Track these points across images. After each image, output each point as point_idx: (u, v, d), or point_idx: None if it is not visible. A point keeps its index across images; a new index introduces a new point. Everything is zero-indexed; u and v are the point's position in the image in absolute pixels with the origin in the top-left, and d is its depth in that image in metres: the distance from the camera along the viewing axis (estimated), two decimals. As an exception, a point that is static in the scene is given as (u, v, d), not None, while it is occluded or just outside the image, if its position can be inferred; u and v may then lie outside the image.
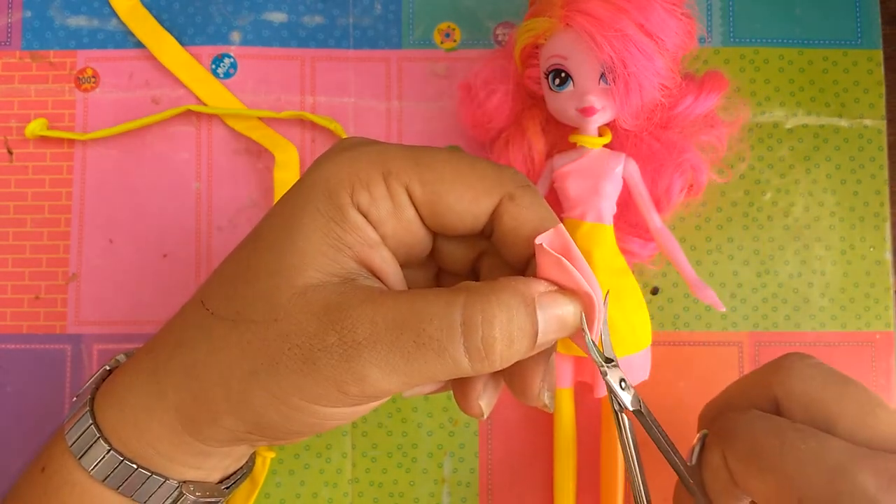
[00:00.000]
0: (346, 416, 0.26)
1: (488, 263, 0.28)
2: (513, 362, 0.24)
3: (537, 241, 0.24)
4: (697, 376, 0.40)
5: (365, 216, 0.25)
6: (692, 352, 0.40)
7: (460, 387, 0.27)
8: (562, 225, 0.25)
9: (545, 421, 0.39)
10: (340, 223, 0.25)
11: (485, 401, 0.26)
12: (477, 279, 0.29)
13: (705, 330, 0.40)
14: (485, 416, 0.27)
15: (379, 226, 0.25)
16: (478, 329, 0.23)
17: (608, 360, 0.26)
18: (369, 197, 0.25)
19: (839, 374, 0.29)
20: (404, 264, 0.28)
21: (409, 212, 0.26)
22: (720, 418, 0.30)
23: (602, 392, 0.36)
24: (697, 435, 0.30)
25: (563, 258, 0.24)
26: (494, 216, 0.26)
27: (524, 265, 0.26)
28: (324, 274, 0.25)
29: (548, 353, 0.26)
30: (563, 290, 0.25)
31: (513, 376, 0.26)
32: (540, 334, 0.24)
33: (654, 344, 0.39)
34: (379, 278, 0.26)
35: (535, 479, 0.39)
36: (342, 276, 0.25)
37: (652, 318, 0.39)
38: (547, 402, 0.26)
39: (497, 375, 0.27)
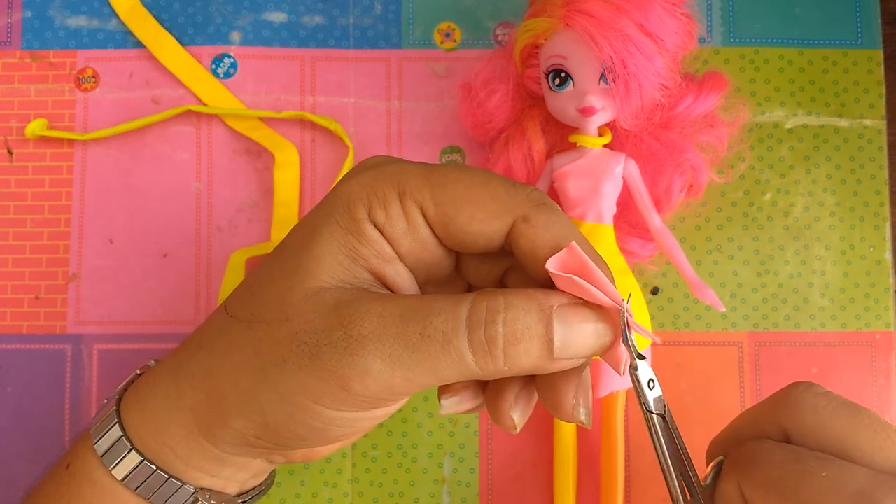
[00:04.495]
0: (350, 422, 0.26)
1: (515, 279, 0.28)
2: (524, 367, 0.24)
3: (548, 265, 0.24)
4: (697, 376, 0.40)
5: (381, 232, 0.26)
6: (692, 352, 0.40)
7: (492, 398, 0.27)
8: (575, 243, 0.24)
9: (545, 421, 0.39)
10: (357, 235, 0.25)
11: (517, 413, 0.26)
12: None
13: (705, 330, 0.40)
14: (517, 430, 0.26)
15: (395, 243, 0.26)
16: (481, 323, 0.23)
17: (640, 357, 0.25)
18: (385, 214, 0.25)
19: (848, 402, 0.28)
20: (428, 281, 0.28)
21: (424, 231, 0.26)
22: (736, 448, 0.29)
23: (602, 392, 0.36)
24: (713, 462, 0.29)
25: (578, 277, 0.24)
26: (511, 238, 0.26)
27: (550, 283, 0.26)
28: (337, 280, 0.25)
29: (580, 367, 0.25)
30: (588, 304, 0.24)
31: (545, 390, 0.26)
32: (559, 345, 0.24)
33: (654, 344, 0.39)
34: (392, 291, 0.26)
35: (535, 479, 0.39)
36: (355, 284, 0.26)
37: (652, 318, 0.39)
38: (583, 418, 0.25)
39: (530, 387, 0.26)
